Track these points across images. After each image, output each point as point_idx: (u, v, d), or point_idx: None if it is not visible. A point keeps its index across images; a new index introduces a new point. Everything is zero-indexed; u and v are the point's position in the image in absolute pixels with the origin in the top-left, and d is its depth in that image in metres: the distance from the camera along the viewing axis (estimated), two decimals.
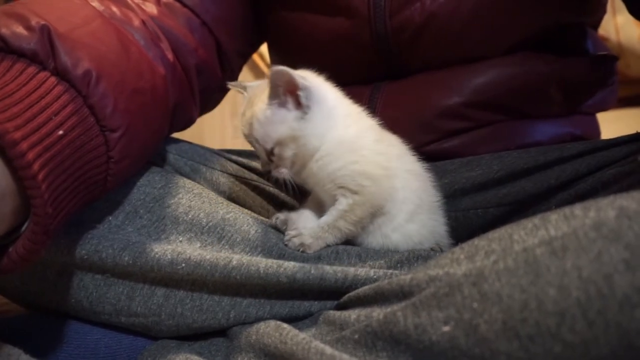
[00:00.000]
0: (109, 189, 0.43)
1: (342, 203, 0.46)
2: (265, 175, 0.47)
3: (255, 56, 1.49)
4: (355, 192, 0.46)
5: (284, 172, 0.47)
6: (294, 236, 0.47)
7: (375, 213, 0.47)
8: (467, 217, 0.56)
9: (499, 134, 0.63)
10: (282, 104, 0.45)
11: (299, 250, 0.46)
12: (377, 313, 0.36)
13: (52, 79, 0.37)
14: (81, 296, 0.46)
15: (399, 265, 0.47)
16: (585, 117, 0.70)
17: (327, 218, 0.47)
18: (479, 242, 0.33)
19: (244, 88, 0.51)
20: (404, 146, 0.52)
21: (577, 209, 0.29)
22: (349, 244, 0.50)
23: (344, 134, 0.47)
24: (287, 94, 0.45)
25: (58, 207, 0.36)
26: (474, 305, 0.29)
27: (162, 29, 0.55)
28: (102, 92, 0.39)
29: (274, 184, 0.55)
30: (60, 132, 0.36)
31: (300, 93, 0.45)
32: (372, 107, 0.65)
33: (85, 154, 0.38)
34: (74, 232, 0.45)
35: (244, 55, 0.74)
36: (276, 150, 0.46)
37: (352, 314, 0.38)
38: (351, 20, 0.63)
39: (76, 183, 0.38)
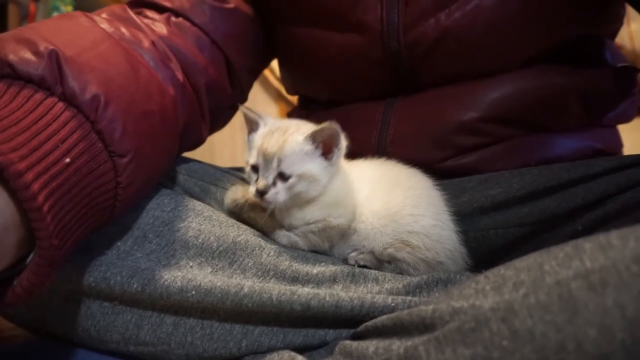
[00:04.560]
0: (117, 214, 0.42)
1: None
2: (255, 193, 0.49)
3: (265, 71, 1.49)
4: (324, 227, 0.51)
5: (280, 198, 0.49)
6: (281, 235, 0.52)
7: (344, 233, 0.52)
8: (486, 237, 0.54)
9: (517, 148, 0.61)
10: (315, 148, 0.50)
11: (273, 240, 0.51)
12: (397, 346, 0.34)
13: (60, 105, 0.36)
14: (88, 324, 0.45)
15: (417, 290, 0.45)
16: (606, 129, 0.68)
17: (304, 227, 0.51)
18: (506, 271, 0.31)
19: (260, 117, 0.53)
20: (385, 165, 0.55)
21: (614, 237, 0.27)
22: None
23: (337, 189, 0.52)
24: (322, 144, 0.50)
25: (64, 238, 0.34)
26: (503, 343, 0.28)
27: (171, 49, 0.54)
28: (111, 117, 0.39)
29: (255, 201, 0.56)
30: (67, 160, 0.35)
31: (335, 150, 0.50)
32: (386, 123, 0.64)
33: (93, 181, 0.37)
34: (81, 258, 0.44)
35: (254, 72, 0.73)
36: (292, 180, 0.48)
37: (370, 346, 0.37)
38: (363, 36, 0.62)
39: (83, 211, 0.37)
